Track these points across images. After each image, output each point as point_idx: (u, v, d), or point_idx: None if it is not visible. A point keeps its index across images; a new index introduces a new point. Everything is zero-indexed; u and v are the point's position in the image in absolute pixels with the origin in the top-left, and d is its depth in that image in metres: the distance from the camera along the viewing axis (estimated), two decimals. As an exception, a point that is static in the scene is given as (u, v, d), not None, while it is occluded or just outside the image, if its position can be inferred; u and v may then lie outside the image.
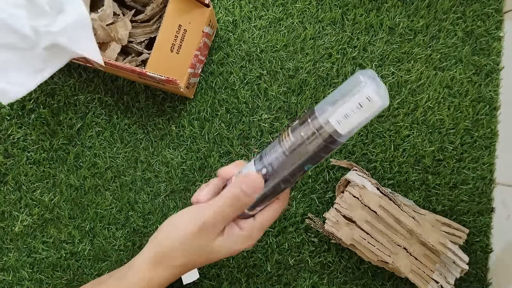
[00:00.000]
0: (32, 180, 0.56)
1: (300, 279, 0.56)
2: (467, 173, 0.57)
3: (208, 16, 0.51)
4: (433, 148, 0.57)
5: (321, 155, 0.30)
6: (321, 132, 0.29)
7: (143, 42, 0.53)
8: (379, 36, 0.58)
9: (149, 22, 0.53)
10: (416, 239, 0.51)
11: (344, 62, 0.57)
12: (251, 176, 0.32)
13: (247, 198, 0.32)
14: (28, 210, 0.56)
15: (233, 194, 0.32)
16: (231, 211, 0.32)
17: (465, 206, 0.56)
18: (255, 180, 0.32)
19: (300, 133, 0.30)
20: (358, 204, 0.51)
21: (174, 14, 0.49)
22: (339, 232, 0.51)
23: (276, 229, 0.56)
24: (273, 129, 0.57)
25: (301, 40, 0.58)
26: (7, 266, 0.55)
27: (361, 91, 0.28)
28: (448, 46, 0.58)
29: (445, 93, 0.57)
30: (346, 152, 0.57)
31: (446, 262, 0.51)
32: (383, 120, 0.57)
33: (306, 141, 0.30)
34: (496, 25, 0.58)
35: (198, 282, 0.55)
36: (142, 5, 0.53)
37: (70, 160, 0.56)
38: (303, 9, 0.58)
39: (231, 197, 0.32)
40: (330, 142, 0.29)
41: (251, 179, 0.32)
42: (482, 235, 0.56)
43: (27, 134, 0.56)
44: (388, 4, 0.58)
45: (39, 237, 0.56)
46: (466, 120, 0.57)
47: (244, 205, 0.32)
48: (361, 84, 0.28)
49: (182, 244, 0.33)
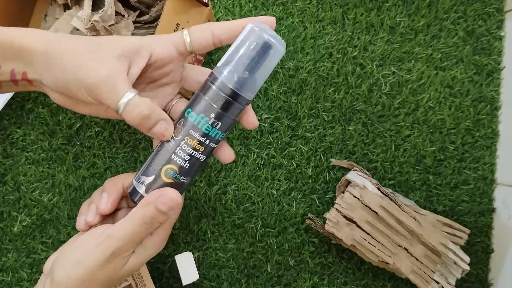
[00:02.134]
0: (31, 180, 0.56)
1: (301, 279, 0.55)
2: (468, 173, 0.57)
3: (207, 15, 0.51)
4: (434, 148, 0.57)
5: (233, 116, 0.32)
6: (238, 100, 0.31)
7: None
8: (380, 35, 0.58)
9: (153, 24, 0.53)
10: (417, 239, 0.51)
11: (344, 61, 0.57)
12: (168, 193, 0.30)
13: (163, 217, 0.30)
14: (27, 211, 0.56)
15: (148, 215, 0.29)
16: (144, 234, 0.30)
17: (466, 207, 0.56)
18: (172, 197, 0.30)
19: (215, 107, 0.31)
20: (358, 205, 0.51)
21: (172, 12, 0.49)
22: (340, 233, 0.51)
23: (276, 229, 0.56)
24: (273, 129, 0.57)
25: (301, 40, 0.57)
26: (6, 266, 0.55)
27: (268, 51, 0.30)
28: (449, 46, 0.58)
29: (446, 93, 0.57)
30: (346, 152, 0.57)
31: (447, 263, 0.51)
32: (384, 120, 0.57)
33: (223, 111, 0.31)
34: (497, 25, 0.58)
35: (198, 283, 0.55)
36: (147, 6, 0.53)
37: (69, 160, 0.56)
38: (304, 8, 0.58)
39: (147, 218, 0.29)
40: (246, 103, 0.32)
41: (169, 197, 0.30)
42: (483, 235, 0.56)
43: (26, 134, 0.56)
44: (389, 4, 0.58)
45: (38, 238, 0.55)
46: (467, 120, 0.57)
47: (160, 224, 0.30)
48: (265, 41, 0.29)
49: (87, 281, 0.29)
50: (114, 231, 0.29)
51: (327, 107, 0.57)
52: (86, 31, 0.50)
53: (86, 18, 0.49)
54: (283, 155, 0.56)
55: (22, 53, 0.29)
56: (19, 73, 0.29)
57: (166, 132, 0.30)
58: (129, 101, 0.28)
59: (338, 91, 0.57)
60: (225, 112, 0.31)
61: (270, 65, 0.31)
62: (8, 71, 0.29)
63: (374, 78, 0.57)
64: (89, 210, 0.33)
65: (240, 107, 0.32)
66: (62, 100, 0.30)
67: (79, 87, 0.28)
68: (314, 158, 0.56)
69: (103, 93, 0.28)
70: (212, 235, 0.55)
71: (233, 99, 0.31)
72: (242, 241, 0.55)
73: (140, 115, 0.29)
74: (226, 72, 0.30)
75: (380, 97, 0.57)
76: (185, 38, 0.31)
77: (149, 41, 0.31)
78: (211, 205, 0.56)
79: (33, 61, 0.29)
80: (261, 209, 0.56)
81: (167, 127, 0.30)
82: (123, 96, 0.28)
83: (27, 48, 0.28)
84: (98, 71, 0.28)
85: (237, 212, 0.56)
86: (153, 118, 0.29)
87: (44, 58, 0.28)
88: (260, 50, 0.30)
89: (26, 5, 0.56)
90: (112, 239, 0.29)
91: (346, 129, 0.57)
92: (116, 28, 0.50)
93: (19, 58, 0.29)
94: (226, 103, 0.31)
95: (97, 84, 0.28)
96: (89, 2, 0.50)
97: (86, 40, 0.29)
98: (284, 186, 0.56)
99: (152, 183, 0.31)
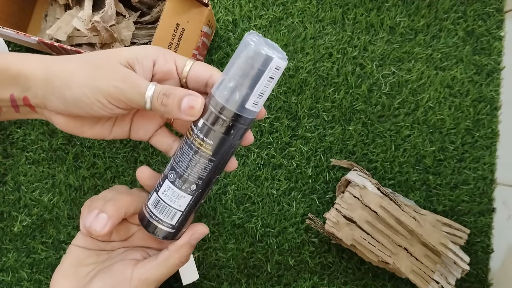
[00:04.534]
0: (31, 180, 0.56)
1: (300, 279, 0.55)
2: (468, 173, 0.57)
3: (207, 15, 0.51)
4: (434, 148, 0.57)
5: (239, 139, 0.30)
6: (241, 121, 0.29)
7: (147, 43, 0.53)
8: (380, 35, 0.58)
9: (154, 24, 0.53)
10: (417, 239, 0.51)
11: (344, 61, 0.57)
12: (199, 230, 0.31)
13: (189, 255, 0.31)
14: (27, 211, 0.56)
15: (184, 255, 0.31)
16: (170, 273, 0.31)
17: (466, 207, 0.56)
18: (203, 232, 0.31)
19: (219, 131, 0.29)
20: (358, 204, 0.51)
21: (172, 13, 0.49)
22: (340, 233, 0.51)
23: (276, 229, 0.56)
24: (273, 129, 0.57)
25: (301, 40, 0.57)
26: (6, 266, 0.55)
27: (268, 65, 0.27)
28: (449, 46, 0.58)
29: (446, 93, 0.57)
30: (346, 152, 0.57)
31: (447, 263, 0.51)
32: (383, 120, 0.57)
33: (228, 136, 0.29)
34: (497, 25, 0.58)
35: (198, 283, 0.55)
36: (148, 7, 0.53)
37: (70, 160, 0.56)
38: (303, 8, 0.58)
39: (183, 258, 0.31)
40: (249, 122, 0.29)
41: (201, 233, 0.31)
42: (483, 235, 0.56)
43: (26, 134, 0.56)
44: (389, 4, 0.58)
45: (38, 238, 0.55)
46: (467, 120, 0.57)
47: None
48: (264, 57, 0.27)
49: None
50: (150, 274, 0.30)
51: (327, 107, 0.57)
52: (86, 31, 0.50)
53: (86, 18, 0.49)
54: (283, 155, 0.56)
55: (19, 79, 0.28)
56: (20, 99, 0.29)
57: (194, 102, 0.29)
58: (154, 92, 0.29)
59: (338, 91, 0.57)
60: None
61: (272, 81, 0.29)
62: (6, 96, 0.29)
63: (374, 78, 0.57)
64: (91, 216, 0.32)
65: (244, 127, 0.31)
66: (68, 123, 0.30)
67: (96, 98, 0.28)
68: (314, 158, 0.56)
69: (127, 93, 0.28)
70: (212, 235, 0.55)
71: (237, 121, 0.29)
72: (242, 241, 0.55)
73: (166, 97, 0.29)
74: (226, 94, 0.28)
75: (380, 97, 0.57)
76: (187, 63, 0.31)
77: (153, 52, 0.31)
78: (211, 205, 0.56)
79: (32, 87, 0.28)
80: (261, 209, 0.56)
81: (194, 98, 0.29)
82: (148, 88, 0.29)
83: (25, 74, 0.28)
84: (114, 77, 0.28)
85: (237, 212, 0.56)
86: (178, 94, 0.29)
87: (46, 83, 0.28)
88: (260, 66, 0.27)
89: (26, 5, 0.56)
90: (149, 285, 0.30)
91: (346, 129, 0.57)
92: (116, 28, 0.50)
93: (17, 83, 0.28)
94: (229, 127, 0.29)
95: (118, 87, 0.28)
96: (89, 3, 0.50)
97: (86, 57, 0.29)
98: (284, 186, 0.56)
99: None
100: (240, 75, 0.27)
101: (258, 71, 0.27)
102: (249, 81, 0.27)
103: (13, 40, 0.51)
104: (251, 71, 0.27)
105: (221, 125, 0.29)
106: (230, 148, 0.30)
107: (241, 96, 0.28)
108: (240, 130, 0.29)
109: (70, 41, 0.51)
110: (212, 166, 0.30)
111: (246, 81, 0.27)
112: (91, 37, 0.50)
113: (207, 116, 0.29)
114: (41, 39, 0.45)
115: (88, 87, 0.28)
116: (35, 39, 0.45)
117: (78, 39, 0.51)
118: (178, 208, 0.31)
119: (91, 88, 0.28)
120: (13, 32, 0.45)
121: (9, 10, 0.53)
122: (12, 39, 0.50)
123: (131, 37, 0.51)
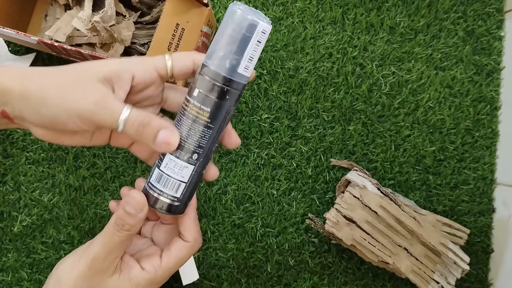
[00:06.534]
0: (31, 180, 0.56)
1: (300, 279, 0.55)
2: (468, 173, 0.57)
3: (207, 15, 0.51)
4: (434, 148, 0.57)
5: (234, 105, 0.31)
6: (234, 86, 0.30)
7: (147, 43, 0.53)
8: (380, 35, 0.58)
9: (154, 24, 0.53)
10: (417, 239, 0.51)
11: (344, 61, 0.57)
12: (132, 194, 0.31)
13: (131, 219, 0.30)
14: (27, 211, 0.56)
15: (116, 218, 0.30)
16: (119, 238, 0.30)
17: (466, 207, 0.56)
18: (137, 198, 0.31)
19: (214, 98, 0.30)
20: (358, 204, 0.51)
21: (172, 13, 0.49)
22: (340, 233, 0.51)
23: (276, 229, 0.56)
24: (273, 129, 0.57)
25: (301, 40, 0.57)
26: (6, 266, 0.55)
27: (255, 30, 0.29)
28: (449, 46, 0.58)
29: (446, 93, 0.57)
30: (346, 152, 0.57)
31: (447, 263, 0.51)
32: (383, 120, 0.57)
33: (223, 102, 0.30)
34: (497, 25, 0.58)
35: (198, 283, 0.55)
36: (148, 7, 0.53)
37: (70, 160, 0.56)
38: (303, 8, 0.58)
39: (114, 222, 0.30)
40: (242, 88, 0.31)
41: (133, 197, 0.30)
42: (483, 235, 0.56)
43: (26, 134, 0.56)
44: (389, 4, 0.58)
45: (38, 238, 0.55)
46: (467, 120, 0.57)
47: (131, 227, 0.30)
48: (251, 23, 0.29)
49: None
50: (91, 241, 0.31)
51: (327, 107, 0.57)
52: (86, 31, 0.50)
53: (86, 18, 0.49)
54: (283, 155, 0.56)
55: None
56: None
57: (170, 138, 0.29)
58: (128, 116, 0.28)
59: (338, 91, 0.57)
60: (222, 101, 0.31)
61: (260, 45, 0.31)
62: None
63: (374, 78, 0.57)
64: None
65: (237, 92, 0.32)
66: (47, 135, 0.30)
67: (70, 118, 0.28)
68: (314, 158, 0.56)
69: (100, 116, 0.28)
70: (212, 235, 0.55)
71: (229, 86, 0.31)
72: (242, 241, 0.55)
73: (141, 126, 0.29)
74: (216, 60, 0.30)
75: (380, 97, 0.57)
76: (167, 63, 0.31)
77: (130, 65, 0.30)
78: (211, 205, 0.56)
79: (9, 101, 0.28)
80: (261, 209, 0.56)
81: (171, 134, 0.29)
82: (121, 113, 0.28)
83: (2, 88, 0.28)
84: (88, 97, 0.28)
85: (237, 212, 0.56)
86: (154, 125, 0.29)
87: (22, 98, 0.28)
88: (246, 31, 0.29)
89: (26, 5, 0.56)
90: (90, 248, 0.30)
91: (346, 129, 0.57)
92: (117, 28, 0.50)
93: None
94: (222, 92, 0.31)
95: (91, 110, 0.28)
96: (89, 3, 0.50)
97: (62, 73, 0.29)
98: (284, 186, 0.56)
99: None
100: (229, 42, 0.29)
101: (246, 37, 0.29)
102: (239, 47, 0.29)
103: (13, 40, 0.51)
104: (240, 37, 0.29)
105: (216, 92, 0.30)
106: (226, 114, 0.31)
107: (233, 62, 0.30)
108: (234, 95, 0.31)
109: (70, 41, 0.51)
110: (211, 133, 0.31)
111: (235, 47, 0.29)
112: (91, 37, 0.50)
113: (201, 85, 0.30)
114: (41, 39, 0.45)
115: (61, 107, 0.28)
116: (35, 39, 0.45)
117: (78, 39, 0.51)
118: (181, 179, 0.31)
119: (65, 108, 0.28)
120: (13, 32, 0.45)
121: (9, 10, 0.53)
122: (12, 39, 0.50)
123: (131, 37, 0.51)
